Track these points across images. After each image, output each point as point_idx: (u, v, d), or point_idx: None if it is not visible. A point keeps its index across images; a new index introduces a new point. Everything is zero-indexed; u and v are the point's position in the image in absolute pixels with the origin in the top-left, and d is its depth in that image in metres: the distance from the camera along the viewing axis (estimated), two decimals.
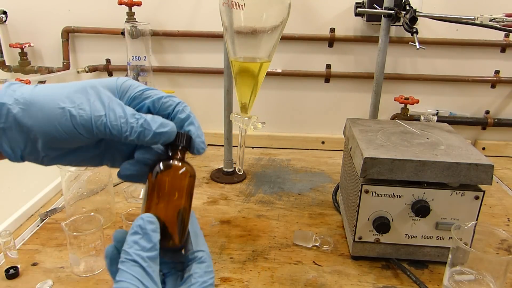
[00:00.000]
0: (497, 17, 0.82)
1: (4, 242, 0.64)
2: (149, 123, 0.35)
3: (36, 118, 0.34)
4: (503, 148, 1.21)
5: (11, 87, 0.36)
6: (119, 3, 1.04)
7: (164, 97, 0.38)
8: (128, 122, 0.34)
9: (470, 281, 0.57)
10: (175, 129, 0.36)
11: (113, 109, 0.34)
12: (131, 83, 0.38)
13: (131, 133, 0.34)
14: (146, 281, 0.30)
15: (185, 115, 0.38)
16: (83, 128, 0.34)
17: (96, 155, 0.40)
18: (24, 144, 0.36)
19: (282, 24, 0.75)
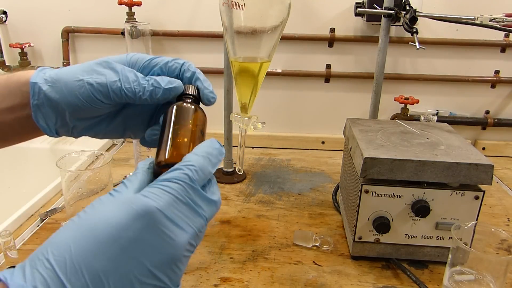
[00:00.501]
0: (497, 17, 0.82)
1: (4, 242, 0.64)
2: (158, 81, 0.40)
3: (61, 92, 0.40)
4: (503, 148, 1.21)
5: (43, 71, 0.42)
6: (119, 3, 1.04)
7: (170, 61, 0.43)
8: (140, 84, 0.40)
9: (470, 281, 0.57)
10: (181, 84, 0.41)
11: (126, 74, 0.40)
12: (139, 56, 0.43)
13: (144, 93, 0.40)
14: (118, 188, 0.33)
15: (191, 73, 0.43)
16: (101, 94, 0.39)
17: (119, 125, 0.45)
18: (55, 117, 0.42)
19: (282, 24, 0.75)
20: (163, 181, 0.32)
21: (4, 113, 0.42)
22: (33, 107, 0.41)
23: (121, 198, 0.31)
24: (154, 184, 0.32)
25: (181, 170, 0.33)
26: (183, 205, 0.31)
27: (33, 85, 0.40)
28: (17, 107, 0.41)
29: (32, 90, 0.40)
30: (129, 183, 0.33)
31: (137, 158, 0.89)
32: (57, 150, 1.17)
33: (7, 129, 0.43)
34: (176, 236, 0.30)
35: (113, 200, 0.31)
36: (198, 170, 0.33)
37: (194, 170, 0.33)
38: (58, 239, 0.29)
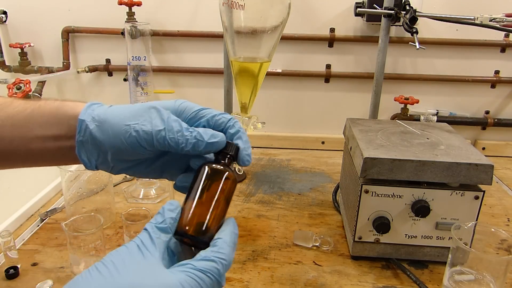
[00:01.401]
0: (497, 17, 0.83)
1: (4, 242, 0.64)
2: (202, 134, 0.40)
3: (106, 134, 0.41)
4: (503, 148, 1.21)
5: (91, 107, 0.43)
6: (119, 3, 1.04)
7: (217, 115, 0.43)
8: (183, 135, 0.40)
9: (470, 281, 0.57)
10: (224, 139, 0.42)
11: (171, 124, 0.40)
12: (188, 105, 0.44)
13: (187, 144, 0.40)
14: (146, 241, 0.35)
15: (235, 130, 0.43)
16: (145, 141, 0.40)
17: (157, 168, 0.45)
18: (97, 155, 0.43)
19: (282, 24, 0.75)
20: (198, 272, 0.34)
21: (49, 140, 0.43)
22: (77, 143, 0.43)
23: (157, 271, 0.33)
24: (189, 272, 0.33)
25: (215, 263, 0.35)
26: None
27: (80, 122, 0.42)
28: (63, 137, 0.43)
29: (79, 127, 0.42)
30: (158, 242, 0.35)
31: None
32: None
33: (48, 155, 0.44)
34: None
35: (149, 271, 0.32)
36: (227, 265, 0.36)
37: (225, 265, 0.35)
38: None
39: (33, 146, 0.43)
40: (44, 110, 0.43)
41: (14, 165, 0.46)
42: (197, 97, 1.22)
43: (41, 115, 0.43)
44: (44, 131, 0.43)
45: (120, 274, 0.31)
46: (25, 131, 0.43)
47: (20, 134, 0.43)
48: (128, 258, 0.33)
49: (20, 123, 0.43)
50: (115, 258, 0.32)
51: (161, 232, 0.36)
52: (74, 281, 0.31)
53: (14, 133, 0.43)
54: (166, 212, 0.38)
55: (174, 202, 0.39)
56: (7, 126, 0.43)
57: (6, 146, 0.43)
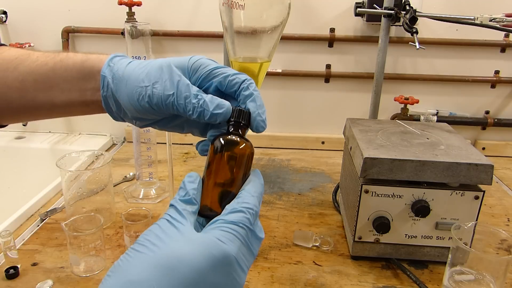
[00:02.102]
0: (497, 17, 0.82)
1: (4, 242, 0.64)
2: (207, 104, 0.39)
3: (122, 93, 0.41)
4: (503, 148, 1.21)
5: (113, 61, 0.43)
6: (119, 3, 1.04)
7: (231, 75, 0.41)
8: (191, 102, 0.39)
9: (470, 281, 0.57)
10: (230, 110, 0.40)
11: (181, 89, 0.39)
12: (202, 62, 0.42)
13: (193, 112, 0.39)
14: (174, 215, 0.35)
15: (249, 92, 0.41)
16: (155, 105, 0.40)
17: (178, 125, 0.45)
18: (119, 110, 0.44)
19: (282, 24, 0.75)
20: (230, 224, 0.34)
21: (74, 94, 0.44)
22: (102, 97, 0.43)
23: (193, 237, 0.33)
24: (222, 226, 0.34)
25: (243, 213, 0.35)
26: (245, 249, 0.34)
27: (102, 78, 0.42)
28: (89, 91, 0.43)
29: (102, 82, 0.43)
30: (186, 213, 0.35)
31: (137, 158, 0.89)
32: (57, 150, 1.17)
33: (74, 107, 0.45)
34: (241, 278, 0.33)
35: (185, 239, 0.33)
36: (255, 213, 0.36)
37: (253, 213, 0.36)
38: (138, 277, 0.30)
39: (58, 100, 0.44)
40: (67, 64, 0.43)
41: (39, 117, 0.47)
42: None
43: (65, 69, 0.43)
44: (70, 85, 0.43)
45: (159, 247, 0.31)
46: (49, 85, 0.43)
47: (44, 88, 0.43)
48: (161, 233, 0.33)
49: (43, 77, 0.43)
50: (150, 236, 0.33)
51: (186, 204, 0.36)
52: (115, 267, 0.31)
53: (38, 87, 0.43)
54: (187, 184, 0.38)
55: (193, 174, 0.39)
56: (29, 81, 0.43)
57: (30, 101, 0.43)
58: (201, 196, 0.38)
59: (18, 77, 0.43)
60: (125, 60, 0.43)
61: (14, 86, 0.43)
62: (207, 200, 0.38)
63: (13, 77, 0.43)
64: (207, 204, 0.38)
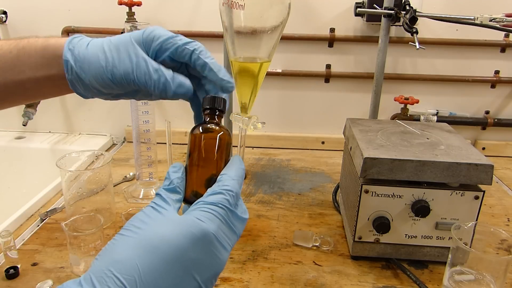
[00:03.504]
0: (497, 17, 0.83)
1: (4, 242, 0.64)
2: (169, 82, 0.41)
3: (87, 73, 0.42)
4: (503, 148, 1.21)
5: (72, 42, 0.44)
6: (119, 3, 1.04)
7: (180, 45, 0.42)
8: (152, 79, 0.41)
9: (470, 281, 0.57)
10: (191, 90, 0.43)
11: (139, 65, 0.41)
12: (154, 35, 0.42)
13: (155, 89, 0.41)
14: (159, 202, 0.37)
15: (202, 62, 0.42)
16: (118, 83, 0.42)
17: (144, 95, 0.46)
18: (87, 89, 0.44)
19: (282, 24, 0.75)
20: (210, 205, 0.36)
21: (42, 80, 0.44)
22: (68, 80, 0.44)
23: (174, 218, 0.35)
24: (202, 207, 0.36)
25: (222, 195, 0.37)
26: (226, 228, 0.36)
27: (66, 63, 0.43)
28: (56, 76, 0.44)
29: (65, 67, 0.43)
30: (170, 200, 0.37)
31: (137, 158, 0.89)
32: (57, 150, 1.17)
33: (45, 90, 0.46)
34: (222, 255, 0.35)
35: (167, 220, 0.35)
36: (235, 195, 0.38)
37: (232, 195, 0.37)
38: (121, 256, 0.32)
39: (28, 86, 0.45)
40: (30, 51, 0.44)
41: (14, 103, 0.48)
42: None
43: (29, 56, 0.44)
44: (36, 72, 0.44)
45: (143, 229, 0.33)
46: (16, 73, 0.44)
47: (12, 77, 0.44)
48: (145, 217, 0.35)
49: (9, 66, 0.44)
50: (134, 221, 0.34)
51: (170, 193, 0.38)
52: (102, 251, 0.33)
53: (6, 75, 0.44)
54: (171, 174, 0.39)
55: (177, 164, 0.41)
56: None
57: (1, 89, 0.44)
58: (185, 185, 0.40)
59: None
60: (84, 41, 0.44)
61: None
62: (191, 187, 0.40)
63: None
64: (192, 191, 0.40)
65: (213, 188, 0.38)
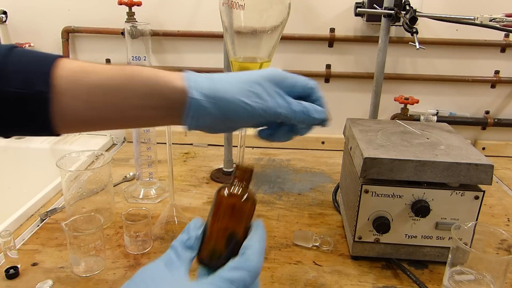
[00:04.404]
0: (497, 17, 0.82)
1: (4, 242, 0.64)
2: (309, 110, 0.47)
3: (223, 110, 0.44)
4: (503, 148, 1.21)
5: (194, 81, 0.44)
6: (119, 3, 1.04)
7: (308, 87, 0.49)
8: (293, 110, 0.46)
9: (470, 281, 0.57)
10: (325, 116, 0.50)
11: (281, 103, 0.45)
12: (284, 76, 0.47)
13: (295, 118, 0.46)
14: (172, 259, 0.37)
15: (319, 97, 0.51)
16: (261, 116, 0.45)
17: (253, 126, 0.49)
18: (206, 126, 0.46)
19: (282, 24, 0.75)
20: (226, 282, 0.35)
21: (147, 109, 0.44)
22: (188, 117, 0.44)
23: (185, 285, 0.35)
24: (218, 283, 0.35)
25: (243, 273, 0.36)
26: None
27: (191, 101, 0.43)
28: (162, 107, 0.44)
29: (189, 104, 0.43)
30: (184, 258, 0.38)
31: (137, 158, 0.89)
32: (57, 150, 1.17)
33: (145, 120, 0.46)
34: None
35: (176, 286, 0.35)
36: (255, 274, 0.37)
37: (253, 275, 0.36)
38: None
39: (128, 114, 0.44)
40: (138, 81, 0.44)
41: (108, 128, 0.47)
42: None
43: (137, 85, 0.43)
44: (142, 101, 0.44)
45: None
46: (119, 99, 0.43)
47: (112, 103, 0.43)
48: (156, 275, 0.35)
49: (112, 91, 0.43)
50: (145, 276, 0.35)
51: (186, 249, 0.38)
52: None
53: (105, 101, 0.43)
54: (192, 230, 0.40)
55: (198, 220, 0.41)
56: (97, 95, 0.43)
57: (99, 113, 0.44)
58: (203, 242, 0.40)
59: (86, 89, 0.43)
60: (203, 77, 0.45)
61: (81, 98, 0.43)
62: (209, 243, 0.40)
63: (79, 89, 0.43)
64: (210, 248, 0.39)
65: (237, 261, 0.37)
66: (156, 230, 0.76)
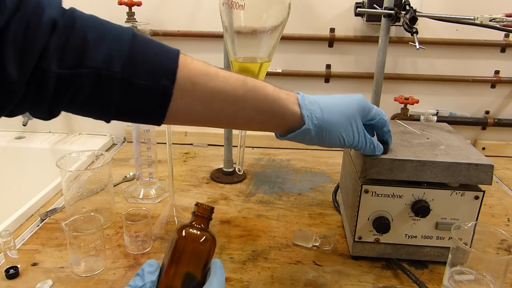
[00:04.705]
0: (497, 17, 0.82)
1: (4, 242, 0.64)
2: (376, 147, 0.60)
3: (324, 139, 0.53)
4: (503, 148, 1.21)
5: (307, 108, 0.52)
6: (119, 3, 1.04)
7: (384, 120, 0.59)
8: (367, 147, 0.58)
9: (470, 281, 0.57)
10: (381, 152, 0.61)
11: (362, 141, 0.56)
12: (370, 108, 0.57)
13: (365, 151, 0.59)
14: None
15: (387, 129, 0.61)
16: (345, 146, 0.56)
17: None
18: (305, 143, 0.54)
19: (282, 24, 0.75)
20: None
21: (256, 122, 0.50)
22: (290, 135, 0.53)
23: None
24: None
25: None
26: None
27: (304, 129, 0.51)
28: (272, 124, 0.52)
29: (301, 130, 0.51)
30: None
31: (137, 158, 0.89)
32: (57, 150, 1.18)
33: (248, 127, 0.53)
34: None
35: None
36: None
37: None
38: None
39: (238, 122, 0.49)
40: (260, 96, 0.48)
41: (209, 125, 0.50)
42: None
43: (258, 100, 0.47)
44: (258, 115, 0.48)
45: None
46: (236, 109, 0.46)
47: (230, 111, 0.46)
48: None
49: (232, 101, 0.46)
50: None
51: None
52: None
53: (224, 107, 0.45)
54: (146, 275, 0.40)
55: (153, 263, 0.41)
56: (218, 100, 0.45)
57: (212, 115, 0.46)
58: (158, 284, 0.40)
59: (207, 93, 0.45)
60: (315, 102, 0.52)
61: (200, 100, 0.44)
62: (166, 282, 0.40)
63: (201, 91, 0.44)
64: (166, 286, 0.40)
65: None
66: (156, 230, 0.76)
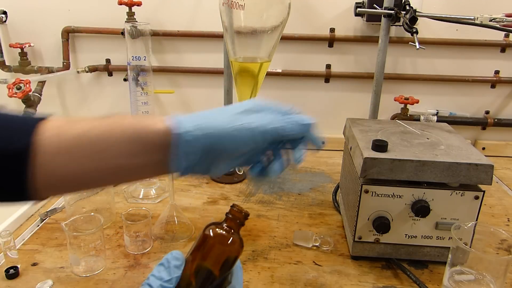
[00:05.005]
0: (497, 17, 0.82)
1: (4, 242, 0.64)
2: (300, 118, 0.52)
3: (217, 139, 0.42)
4: (503, 148, 1.21)
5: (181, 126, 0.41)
6: (119, 3, 1.04)
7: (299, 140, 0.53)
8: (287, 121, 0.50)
9: (470, 281, 0.57)
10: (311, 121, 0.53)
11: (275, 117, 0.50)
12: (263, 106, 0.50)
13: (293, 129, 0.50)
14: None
15: None
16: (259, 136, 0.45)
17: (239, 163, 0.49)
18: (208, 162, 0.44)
19: (282, 24, 0.75)
20: None
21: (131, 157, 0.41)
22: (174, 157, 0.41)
23: None
24: None
25: None
26: None
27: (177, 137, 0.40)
28: (146, 153, 0.41)
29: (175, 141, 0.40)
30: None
31: None
32: None
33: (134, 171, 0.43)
34: None
35: None
36: None
37: None
38: None
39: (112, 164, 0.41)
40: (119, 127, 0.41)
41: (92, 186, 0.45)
42: (197, 97, 1.22)
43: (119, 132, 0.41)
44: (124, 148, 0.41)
45: None
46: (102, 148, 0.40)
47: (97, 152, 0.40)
48: None
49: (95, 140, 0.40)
50: None
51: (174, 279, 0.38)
52: None
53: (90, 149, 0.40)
54: (173, 269, 0.39)
55: (180, 257, 0.40)
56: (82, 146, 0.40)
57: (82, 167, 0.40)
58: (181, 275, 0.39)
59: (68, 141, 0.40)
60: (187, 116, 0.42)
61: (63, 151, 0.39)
62: (187, 278, 0.40)
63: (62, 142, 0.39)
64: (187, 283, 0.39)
65: None
66: (156, 230, 0.76)
